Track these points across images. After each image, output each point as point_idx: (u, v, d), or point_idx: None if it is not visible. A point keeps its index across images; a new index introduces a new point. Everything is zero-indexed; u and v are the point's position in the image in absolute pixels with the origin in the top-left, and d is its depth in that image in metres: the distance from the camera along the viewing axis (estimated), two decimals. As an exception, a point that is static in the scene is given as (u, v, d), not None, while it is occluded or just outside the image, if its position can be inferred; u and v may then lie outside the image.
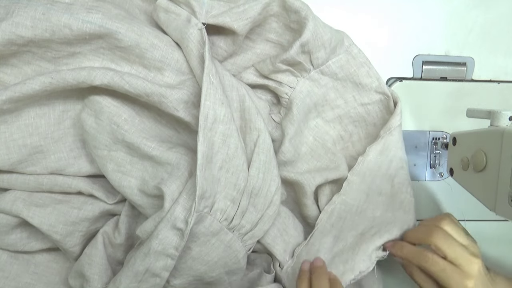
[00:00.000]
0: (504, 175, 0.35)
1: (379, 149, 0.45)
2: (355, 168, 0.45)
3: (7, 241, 0.44)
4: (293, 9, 0.42)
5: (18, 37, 0.37)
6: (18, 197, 0.42)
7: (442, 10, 0.48)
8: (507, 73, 0.50)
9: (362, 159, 0.45)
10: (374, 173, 0.45)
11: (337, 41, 0.44)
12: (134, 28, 0.39)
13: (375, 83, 0.45)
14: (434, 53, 0.49)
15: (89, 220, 0.44)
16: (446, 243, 0.39)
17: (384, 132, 0.44)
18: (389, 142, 0.45)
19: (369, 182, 0.45)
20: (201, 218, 0.39)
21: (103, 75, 0.38)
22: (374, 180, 0.45)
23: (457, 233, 0.40)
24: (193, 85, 0.42)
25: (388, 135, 0.44)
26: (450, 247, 0.38)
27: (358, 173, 0.45)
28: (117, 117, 0.41)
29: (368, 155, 0.45)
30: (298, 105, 0.45)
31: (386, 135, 0.44)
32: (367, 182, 0.45)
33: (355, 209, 0.45)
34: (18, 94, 0.37)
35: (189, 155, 0.42)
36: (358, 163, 0.45)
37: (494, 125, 0.37)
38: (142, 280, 0.38)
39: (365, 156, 0.45)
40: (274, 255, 0.45)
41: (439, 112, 0.49)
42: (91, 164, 0.44)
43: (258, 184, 0.41)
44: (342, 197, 0.45)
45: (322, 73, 0.45)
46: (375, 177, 0.45)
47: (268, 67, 0.44)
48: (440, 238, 0.39)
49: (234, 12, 0.41)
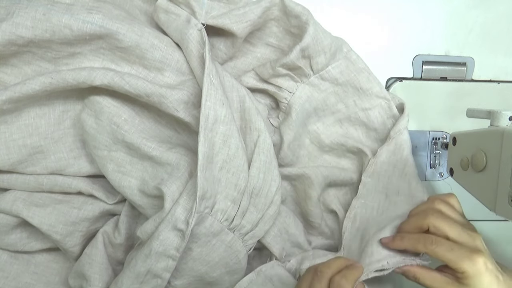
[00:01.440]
0: (504, 175, 0.35)
1: (392, 149, 0.45)
2: (367, 170, 0.45)
3: (7, 241, 0.44)
4: (293, 14, 0.42)
5: (19, 38, 0.37)
6: (18, 197, 0.42)
7: (442, 10, 0.48)
8: (507, 73, 0.50)
9: (374, 161, 0.45)
10: (390, 173, 0.45)
11: (336, 47, 0.44)
12: (134, 28, 0.39)
13: (375, 88, 0.45)
14: (434, 53, 0.49)
15: (89, 220, 0.44)
16: (444, 222, 0.37)
17: (395, 133, 0.45)
18: (401, 142, 0.45)
19: (385, 183, 0.45)
20: (202, 219, 0.39)
21: (103, 75, 0.38)
22: (391, 180, 0.45)
23: (452, 212, 0.39)
24: (193, 86, 0.42)
25: (399, 135, 0.45)
26: (450, 225, 0.36)
27: (371, 174, 0.45)
28: (117, 117, 0.41)
29: (380, 156, 0.45)
30: (297, 110, 0.45)
31: (397, 135, 0.44)
32: (383, 182, 0.45)
33: (375, 210, 0.45)
34: (18, 94, 0.37)
35: (189, 155, 0.42)
36: (370, 165, 0.45)
37: (494, 125, 0.37)
38: (144, 281, 0.38)
39: (377, 157, 0.45)
40: (273, 254, 0.45)
41: (439, 112, 0.49)
42: (91, 164, 0.44)
43: (258, 184, 0.41)
44: (361, 201, 0.45)
45: (322, 78, 0.45)
46: (391, 177, 0.45)
47: (268, 71, 0.44)
48: (437, 217, 0.37)
49: (234, 14, 0.41)
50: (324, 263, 0.39)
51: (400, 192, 0.45)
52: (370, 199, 0.45)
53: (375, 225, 0.44)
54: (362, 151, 0.46)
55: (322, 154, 0.48)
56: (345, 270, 0.38)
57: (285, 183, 0.47)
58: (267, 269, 0.43)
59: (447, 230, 0.36)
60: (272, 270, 0.43)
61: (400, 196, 0.45)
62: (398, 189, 0.45)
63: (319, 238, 0.48)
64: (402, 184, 0.45)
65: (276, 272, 0.43)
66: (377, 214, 0.45)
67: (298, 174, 0.45)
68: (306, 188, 0.45)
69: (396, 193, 0.45)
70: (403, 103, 0.46)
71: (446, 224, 0.37)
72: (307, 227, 0.48)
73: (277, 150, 0.45)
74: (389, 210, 0.45)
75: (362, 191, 0.45)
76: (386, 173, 0.45)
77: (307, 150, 0.48)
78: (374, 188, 0.45)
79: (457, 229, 0.36)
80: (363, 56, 0.46)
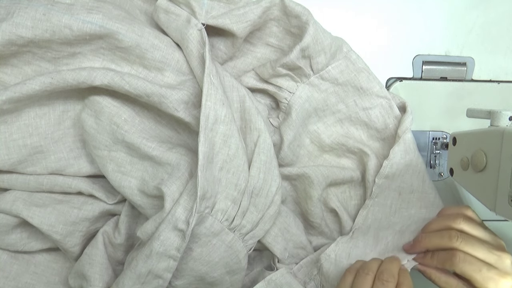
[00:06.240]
0: (504, 175, 0.35)
1: (403, 149, 0.45)
2: (381, 172, 0.45)
3: (7, 241, 0.44)
4: (293, 14, 0.42)
5: (19, 38, 0.37)
6: (18, 197, 0.42)
7: (442, 10, 0.48)
8: (507, 73, 0.50)
9: (388, 163, 0.44)
10: (403, 172, 0.45)
11: (336, 47, 0.44)
12: (134, 28, 0.39)
13: (376, 88, 0.45)
14: (434, 53, 0.49)
15: (89, 220, 0.44)
16: (469, 245, 0.37)
17: (402, 132, 0.45)
18: (409, 141, 0.45)
19: (399, 181, 0.45)
20: (202, 219, 0.39)
21: (103, 75, 0.38)
22: (404, 178, 0.45)
23: (476, 230, 0.38)
24: (193, 86, 0.42)
25: (406, 134, 0.45)
26: (475, 248, 0.37)
27: (386, 175, 0.45)
28: (117, 117, 0.41)
29: (394, 158, 0.44)
30: (297, 110, 0.45)
31: (404, 134, 0.44)
32: (397, 181, 0.45)
33: (388, 209, 0.45)
34: (18, 94, 0.37)
35: (189, 155, 0.42)
36: (384, 167, 0.44)
37: (494, 125, 0.37)
38: (145, 282, 0.38)
39: (391, 159, 0.44)
40: (274, 254, 0.45)
41: (439, 112, 0.49)
42: (91, 164, 0.44)
43: (259, 184, 0.41)
44: (374, 200, 0.45)
45: (322, 78, 0.45)
46: (404, 175, 0.45)
47: (268, 71, 0.44)
48: (462, 241, 0.37)
49: (234, 14, 0.41)
50: (364, 264, 0.40)
51: (414, 190, 0.45)
52: (383, 197, 0.45)
53: (386, 224, 0.45)
54: (362, 151, 0.46)
55: (322, 154, 0.48)
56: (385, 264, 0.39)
57: (285, 183, 0.47)
58: (277, 278, 0.43)
59: (473, 253, 0.37)
60: (282, 279, 0.43)
61: (414, 194, 0.45)
62: (412, 187, 0.45)
63: (319, 238, 0.48)
64: (416, 182, 0.45)
65: (286, 281, 0.43)
66: (389, 213, 0.45)
67: (298, 174, 0.45)
68: (306, 188, 0.45)
69: (410, 191, 0.45)
70: (404, 102, 0.46)
71: (471, 247, 0.37)
72: (307, 227, 0.48)
73: (277, 150, 0.45)
74: (402, 209, 0.45)
75: (376, 191, 0.45)
76: (400, 173, 0.45)
77: (307, 150, 0.48)
78: (387, 187, 0.45)
79: (483, 251, 0.37)
80: (363, 56, 0.46)
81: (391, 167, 0.44)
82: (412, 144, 0.45)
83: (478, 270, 0.36)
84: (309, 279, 0.45)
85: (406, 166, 0.45)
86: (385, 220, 0.45)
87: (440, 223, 0.42)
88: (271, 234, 0.44)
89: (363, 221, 0.45)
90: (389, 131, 0.46)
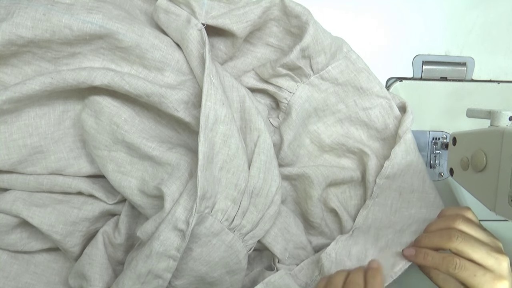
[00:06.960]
0: (504, 175, 0.35)
1: (404, 149, 0.45)
2: (383, 172, 0.45)
3: (7, 241, 0.44)
4: (293, 14, 0.42)
5: (19, 38, 0.37)
6: (18, 197, 0.42)
7: (442, 10, 0.48)
8: (507, 73, 0.50)
9: (389, 163, 0.44)
10: (404, 172, 0.45)
11: (336, 47, 0.44)
12: (134, 28, 0.39)
13: (376, 88, 0.45)
14: (434, 53, 0.49)
15: (89, 220, 0.44)
16: (468, 246, 0.37)
17: (403, 132, 0.45)
18: (410, 141, 0.45)
19: (400, 181, 0.45)
20: (202, 219, 0.39)
21: (103, 75, 0.38)
22: (405, 178, 0.45)
23: (475, 231, 0.39)
24: (193, 86, 0.42)
25: (407, 134, 0.45)
26: (474, 249, 0.37)
27: (387, 176, 0.45)
28: (117, 117, 0.41)
29: (395, 158, 0.45)
30: (297, 110, 0.45)
31: (405, 134, 0.45)
32: (398, 181, 0.45)
33: (389, 209, 0.45)
34: (18, 94, 0.37)
35: (189, 155, 0.42)
36: (385, 167, 0.45)
37: (494, 125, 0.37)
38: (145, 282, 0.38)
39: (392, 160, 0.44)
40: (274, 254, 0.45)
41: (439, 112, 0.49)
42: (91, 164, 0.44)
43: (259, 184, 0.41)
44: (375, 200, 0.45)
45: (322, 78, 0.45)
46: (405, 176, 0.45)
47: (268, 71, 0.44)
48: (460, 242, 0.37)
49: (234, 14, 0.41)
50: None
51: (414, 189, 0.46)
52: (383, 197, 0.45)
53: (387, 223, 0.45)
54: (362, 151, 0.46)
55: (322, 154, 0.48)
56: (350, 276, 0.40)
57: (285, 183, 0.47)
58: (276, 280, 0.43)
59: (471, 254, 0.37)
60: (281, 281, 0.43)
61: (414, 194, 0.46)
62: (412, 187, 0.46)
63: (319, 238, 0.48)
64: (416, 182, 0.46)
65: (285, 283, 0.43)
66: (390, 213, 0.46)
67: (298, 173, 0.45)
68: (306, 188, 0.45)
69: (410, 191, 0.46)
70: (404, 102, 0.46)
71: (470, 248, 0.37)
72: (307, 227, 0.48)
73: (277, 150, 0.45)
74: (403, 208, 0.46)
75: (377, 191, 0.45)
76: (401, 173, 0.45)
77: (307, 150, 0.48)
78: (388, 187, 0.45)
79: (482, 253, 0.37)
80: (363, 56, 0.46)
81: (392, 167, 0.45)
82: (412, 144, 0.45)
83: (473, 275, 0.36)
84: (311, 280, 0.45)
85: (407, 166, 0.45)
86: (386, 219, 0.45)
87: (440, 224, 0.42)
88: (271, 234, 0.44)
89: (363, 221, 0.45)
90: (389, 131, 0.46)
